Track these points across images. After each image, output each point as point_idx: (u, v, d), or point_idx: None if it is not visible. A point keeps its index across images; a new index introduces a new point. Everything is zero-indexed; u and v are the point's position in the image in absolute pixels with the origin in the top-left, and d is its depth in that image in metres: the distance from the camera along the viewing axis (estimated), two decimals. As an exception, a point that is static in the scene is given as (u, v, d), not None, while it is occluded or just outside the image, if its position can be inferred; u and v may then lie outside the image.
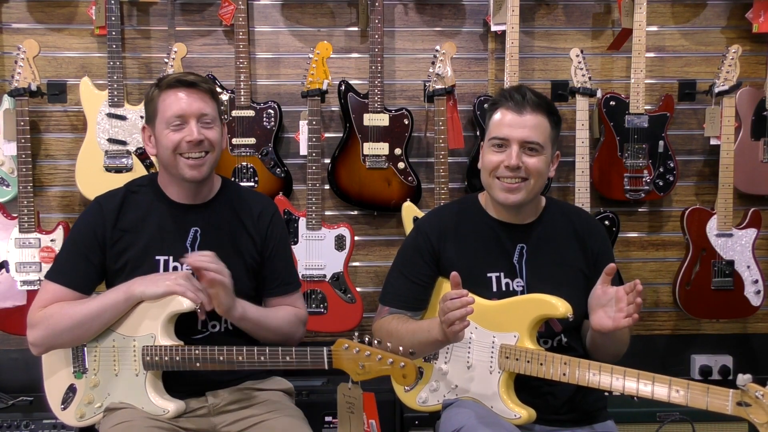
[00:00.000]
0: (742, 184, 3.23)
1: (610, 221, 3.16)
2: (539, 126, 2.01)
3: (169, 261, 2.08)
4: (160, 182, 2.16)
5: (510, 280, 2.07)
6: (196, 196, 2.13)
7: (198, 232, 2.11)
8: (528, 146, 2.00)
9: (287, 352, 1.92)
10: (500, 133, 2.01)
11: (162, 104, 2.04)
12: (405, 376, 1.78)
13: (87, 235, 2.09)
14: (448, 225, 2.13)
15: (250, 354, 1.95)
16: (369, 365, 1.81)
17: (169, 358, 1.99)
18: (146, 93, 2.11)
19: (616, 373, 1.80)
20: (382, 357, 1.80)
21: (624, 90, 3.21)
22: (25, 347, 3.18)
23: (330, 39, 3.23)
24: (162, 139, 2.04)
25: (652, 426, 2.76)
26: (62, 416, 2.13)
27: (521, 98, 2.01)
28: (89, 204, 2.16)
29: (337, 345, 1.85)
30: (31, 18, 3.21)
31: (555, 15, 3.33)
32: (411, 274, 2.12)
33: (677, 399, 1.72)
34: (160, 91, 2.06)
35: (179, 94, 2.04)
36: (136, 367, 2.03)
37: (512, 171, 1.99)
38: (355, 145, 3.15)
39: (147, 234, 2.09)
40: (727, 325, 3.42)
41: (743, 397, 1.64)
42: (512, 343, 1.96)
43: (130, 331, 2.04)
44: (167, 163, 2.07)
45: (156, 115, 2.05)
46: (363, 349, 1.81)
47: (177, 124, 2.03)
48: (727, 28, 3.35)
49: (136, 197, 2.14)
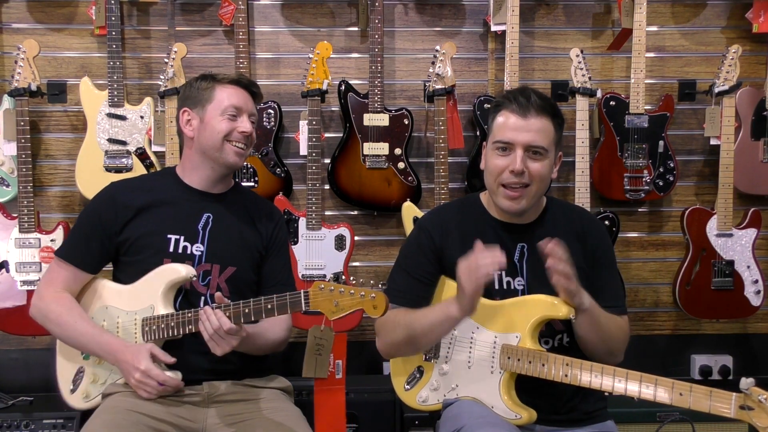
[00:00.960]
0: (742, 184, 3.23)
1: (610, 221, 3.16)
2: (543, 130, 2.00)
3: (180, 240, 2.16)
4: (180, 171, 2.26)
5: (511, 279, 2.07)
6: (214, 186, 2.24)
7: (210, 218, 2.21)
8: (532, 150, 1.99)
9: (269, 300, 1.96)
10: (504, 136, 2.00)
11: (220, 93, 2.18)
12: (375, 306, 1.83)
13: (95, 217, 2.19)
14: (450, 223, 2.14)
15: (236, 308, 1.97)
16: (342, 302, 1.86)
17: (165, 325, 2.06)
18: (191, 82, 2.25)
19: (618, 376, 1.80)
20: (354, 291, 1.85)
21: (624, 90, 3.21)
22: (25, 347, 3.23)
23: (330, 39, 3.23)
24: (215, 124, 2.16)
25: (652, 426, 2.76)
26: (71, 400, 2.22)
27: (526, 101, 1.99)
28: (102, 189, 2.26)
29: (314, 286, 1.89)
30: (31, 18, 3.21)
31: (555, 15, 3.34)
32: (414, 272, 2.12)
33: (680, 402, 1.71)
34: (216, 83, 2.20)
35: (238, 90, 2.20)
36: (137, 339, 2.10)
37: (516, 176, 1.98)
38: (355, 145, 3.15)
39: (161, 212, 2.18)
40: (727, 325, 3.42)
41: (746, 400, 1.63)
42: (514, 344, 1.96)
43: (131, 306, 2.13)
44: (212, 146, 2.17)
45: (209, 102, 2.18)
46: (337, 287, 1.86)
47: (233, 114, 2.17)
48: (727, 28, 3.35)
49: (152, 182, 2.30)
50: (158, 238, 2.15)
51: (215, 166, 2.20)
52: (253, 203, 2.31)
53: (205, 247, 2.17)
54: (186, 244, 2.16)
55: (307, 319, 3.00)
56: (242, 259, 2.21)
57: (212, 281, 2.16)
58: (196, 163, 2.22)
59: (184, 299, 2.14)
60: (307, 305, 1.90)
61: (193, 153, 2.22)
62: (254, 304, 1.97)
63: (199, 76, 2.26)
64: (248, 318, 1.98)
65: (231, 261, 2.18)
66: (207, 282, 2.16)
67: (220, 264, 2.17)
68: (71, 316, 2.13)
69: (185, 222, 2.18)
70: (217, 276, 2.17)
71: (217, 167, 2.20)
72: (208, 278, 2.16)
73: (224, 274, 2.17)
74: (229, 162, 2.18)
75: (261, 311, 1.96)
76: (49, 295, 2.18)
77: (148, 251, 2.14)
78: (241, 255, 2.20)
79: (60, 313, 2.14)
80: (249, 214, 2.27)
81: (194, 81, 2.26)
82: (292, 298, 1.93)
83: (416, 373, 2.16)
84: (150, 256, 2.14)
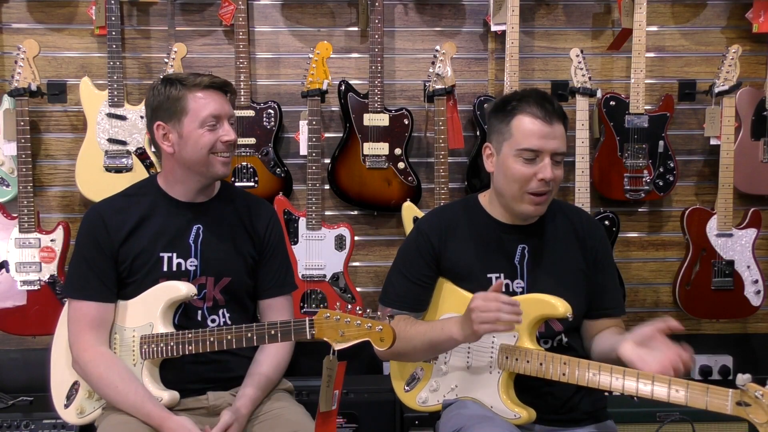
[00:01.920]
0: (742, 184, 3.23)
1: (610, 221, 3.16)
2: (563, 135, 2.00)
3: (173, 258, 2.10)
4: (162, 182, 2.16)
5: (510, 281, 2.06)
6: (200, 194, 2.15)
7: (200, 229, 2.13)
8: (556, 157, 1.98)
9: (272, 326, 1.93)
10: (532, 144, 1.96)
11: (194, 103, 2.04)
12: (383, 339, 1.80)
13: (92, 245, 2.09)
14: (448, 225, 2.13)
15: (239, 332, 1.96)
16: (348, 332, 1.83)
17: (164, 344, 2.01)
18: (157, 90, 2.08)
19: (616, 373, 1.80)
20: (360, 322, 1.82)
21: (624, 90, 3.21)
22: (25, 347, 3.22)
23: (330, 39, 3.23)
24: (196, 138, 2.04)
25: (652, 426, 2.76)
26: (64, 414, 2.17)
27: (552, 107, 1.97)
28: (87, 212, 2.14)
29: (319, 315, 1.86)
30: (31, 18, 3.21)
31: (555, 15, 3.33)
32: (412, 275, 2.11)
33: (677, 399, 1.71)
34: (186, 90, 2.04)
35: (212, 94, 2.06)
36: (134, 356, 2.06)
37: (545, 184, 1.97)
38: (355, 145, 3.15)
39: (151, 232, 2.09)
40: (727, 325, 3.42)
41: (743, 396, 1.64)
42: (512, 343, 1.96)
43: (130, 323, 2.08)
44: (196, 162, 2.06)
45: (185, 114, 2.04)
46: (343, 317, 1.83)
47: (212, 124, 2.04)
48: (727, 28, 3.35)
49: (136, 199, 2.14)
50: (151, 258, 2.08)
51: (202, 179, 2.10)
52: (243, 205, 2.22)
53: (198, 260, 2.11)
54: (180, 261, 2.10)
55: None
56: (236, 267, 2.15)
57: (208, 293, 2.12)
58: (180, 177, 2.11)
59: (182, 315, 2.10)
60: (312, 334, 1.87)
61: (176, 167, 2.10)
62: (257, 329, 1.94)
63: (163, 80, 2.10)
64: (250, 342, 1.96)
65: (225, 272, 2.13)
66: (203, 295, 2.12)
67: (215, 276, 2.12)
68: (112, 372, 2.02)
69: (175, 238, 2.10)
70: (212, 288, 2.12)
71: (203, 180, 2.11)
72: (203, 291, 2.12)
73: (219, 284, 2.13)
74: (218, 174, 2.09)
75: (264, 337, 1.94)
76: (87, 354, 2.04)
77: (142, 272, 2.08)
78: (234, 264, 2.15)
79: (106, 371, 2.03)
80: (239, 217, 2.19)
81: (161, 87, 2.08)
82: (297, 326, 1.90)
83: (416, 374, 2.17)
84: (144, 276, 2.08)
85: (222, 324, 2.13)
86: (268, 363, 2.14)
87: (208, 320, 2.12)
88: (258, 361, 2.14)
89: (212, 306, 2.13)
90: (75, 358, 2.07)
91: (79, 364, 2.06)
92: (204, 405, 2.09)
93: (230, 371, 2.12)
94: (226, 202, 2.20)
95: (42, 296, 3.01)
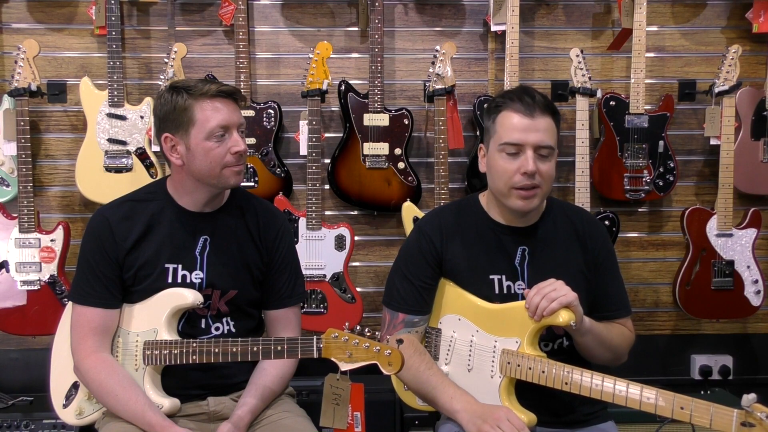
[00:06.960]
0: (742, 184, 3.23)
1: (610, 221, 3.16)
2: (549, 128, 1.97)
3: (178, 269, 2.06)
4: (171, 189, 2.10)
5: (511, 283, 2.05)
6: (209, 204, 2.09)
7: (207, 241, 2.08)
8: (541, 151, 1.96)
9: (279, 341, 1.93)
10: (512, 138, 1.95)
11: (201, 113, 1.96)
12: (391, 363, 1.79)
13: (98, 252, 2.05)
14: (449, 226, 2.11)
15: (244, 345, 1.95)
16: (356, 354, 1.82)
17: (168, 351, 1.99)
18: (164, 98, 2.01)
19: (619, 385, 1.79)
20: (369, 345, 1.81)
21: (624, 90, 3.21)
22: (25, 347, 3.22)
23: (330, 39, 3.23)
24: (206, 151, 1.97)
25: (652, 426, 2.75)
26: (63, 414, 2.16)
27: (531, 100, 1.95)
28: (94, 216, 2.10)
29: (327, 334, 1.85)
30: (31, 18, 3.20)
31: (555, 15, 3.33)
32: (415, 278, 2.09)
33: (680, 416, 1.71)
34: (192, 99, 1.97)
35: (220, 103, 1.99)
36: (137, 362, 2.04)
37: (529, 177, 1.94)
38: (355, 145, 3.15)
39: (156, 242, 2.05)
40: (727, 325, 3.42)
41: (747, 417, 1.61)
42: (514, 349, 1.95)
43: (134, 327, 2.06)
44: (207, 174, 2.00)
45: (192, 125, 1.97)
46: (351, 338, 1.82)
47: (221, 134, 1.98)
48: (727, 28, 3.35)
49: (143, 205, 2.09)
50: (156, 269, 2.04)
51: (213, 189, 2.05)
52: (252, 214, 2.15)
53: (204, 273, 2.07)
54: (185, 273, 2.06)
55: (306, 320, 3.00)
56: (243, 280, 2.10)
57: (213, 304, 2.09)
58: (190, 188, 2.06)
59: (185, 321, 2.08)
60: (319, 353, 1.86)
61: (186, 178, 2.04)
62: (263, 343, 1.94)
63: (170, 88, 2.02)
64: (255, 357, 1.96)
65: (232, 285, 2.10)
66: (207, 305, 2.08)
67: (221, 290, 2.09)
68: (115, 380, 2.00)
69: (182, 249, 2.06)
70: (218, 300, 2.09)
71: (215, 190, 2.06)
72: (208, 302, 2.08)
73: (225, 297, 2.10)
74: (230, 184, 2.04)
75: (270, 352, 1.94)
76: (88, 360, 2.02)
77: (146, 282, 2.05)
78: (241, 276, 2.10)
79: (108, 377, 2.00)
80: (248, 228, 2.13)
81: (168, 96, 2.00)
82: (304, 344, 1.89)
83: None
84: (149, 286, 2.05)
85: (226, 332, 2.11)
86: (273, 374, 2.10)
87: (212, 328, 2.11)
88: (263, 370, 2.11)
89: (216, 315, 2.10)
90: (76, 364, 2.06)
91: (80, 370, 2.05)
92: (205, 411, 2.08)
93: (232, 377, 2.11)
94: (235, 211, 2.14)
95: (42, 296, 3.01)
